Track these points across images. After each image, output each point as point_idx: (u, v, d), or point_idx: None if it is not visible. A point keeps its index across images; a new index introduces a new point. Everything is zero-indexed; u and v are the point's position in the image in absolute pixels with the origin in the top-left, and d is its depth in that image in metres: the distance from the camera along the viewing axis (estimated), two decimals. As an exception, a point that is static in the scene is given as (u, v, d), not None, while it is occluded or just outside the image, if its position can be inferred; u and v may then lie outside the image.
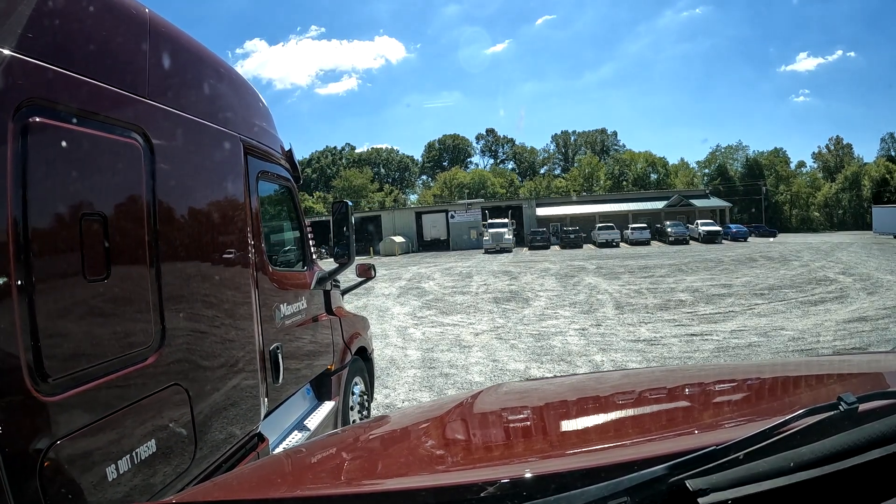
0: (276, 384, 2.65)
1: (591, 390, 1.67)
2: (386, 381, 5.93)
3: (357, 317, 4.25)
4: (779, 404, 1.25)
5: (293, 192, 3.15)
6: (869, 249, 22.66)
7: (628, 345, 7.26)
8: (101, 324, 1.54)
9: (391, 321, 10.03)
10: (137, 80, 1.74)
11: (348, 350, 3.71)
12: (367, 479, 1.06)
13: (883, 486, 0.73)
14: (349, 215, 3.17)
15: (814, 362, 2.43)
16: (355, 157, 77.37)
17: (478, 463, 1.10)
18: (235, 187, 2.35)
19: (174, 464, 1.78)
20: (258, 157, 2.65)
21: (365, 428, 1.78)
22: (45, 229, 1.37)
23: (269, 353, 2.57)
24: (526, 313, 10.26)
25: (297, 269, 3.12)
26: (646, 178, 67.46)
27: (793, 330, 7.86)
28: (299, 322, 2.98)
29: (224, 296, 2.20)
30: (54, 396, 1.34)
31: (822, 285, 12.36)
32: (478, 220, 39.95)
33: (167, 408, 1.77)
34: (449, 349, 7.44)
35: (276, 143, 2.95)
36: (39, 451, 1.29)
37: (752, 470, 0.71)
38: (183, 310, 1.89)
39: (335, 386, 3.49)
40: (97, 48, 1.60)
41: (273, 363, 2.60)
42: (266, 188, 2.83)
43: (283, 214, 3.16)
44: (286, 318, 2.79)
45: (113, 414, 1.52)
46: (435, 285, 15.91)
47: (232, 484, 1.16)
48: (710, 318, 9.00)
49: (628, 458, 0.79)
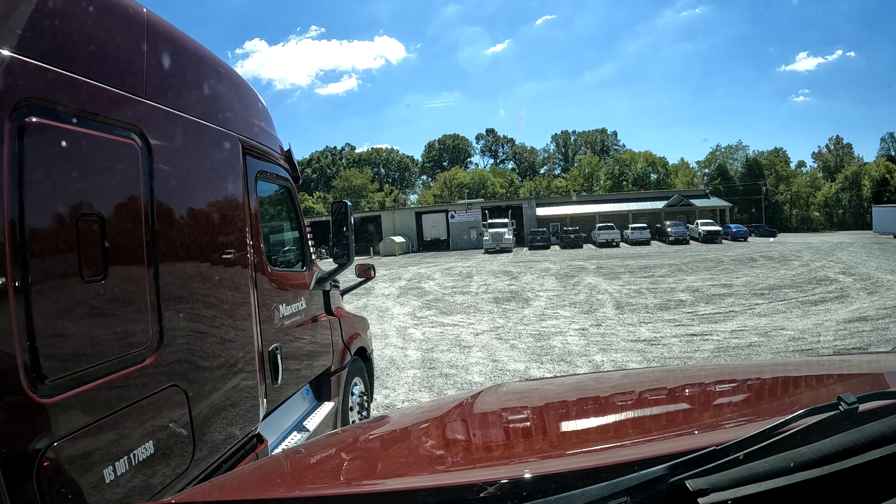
0: (276, 385, 2.64)
1: (591, 390, 1.67)
2: (385, 382, 5.93)
3: (356, 317, 4.24)
4: (779, 404, 1.25)
5: (292, 192, 3.14)
6: (869, 249, 22.63)
7: (628, 345, 7.26)
8: (98, 325, 1.53)
9: (391, 321, 10.03)
10: (136, 80, 1.73)
11: (348, 350, 3.70)
12: (367, 479, 1.06)
13: (883, 486, 0.73)
14: (348, 215, 3.16)
15: (814, 362, 2.43)
16: (355, 157, 77.40)
17: (478, 463, 1.11)
18: (234, 187, 2.34)
19: (173, 465, 1.78)
20: (257, 158, 2.65)
21: (365, 428, 1.78)
22: (41, 230, 1.36)
23: (269, 353, 2.56)
24: (526, 313, 10.25)
25: (296, 270, 3.11)
26: (646, 178, 67.48)
27: (793, 330, 7.85)
28: (298, 322, 2.98)
29: (223, 296, 2.19)
30: (52, 398, 1.33)
31: (823, 285, 12.34)
32: (478, 220, 39.97)
33: (165, 409, 1.77)
34: (449, 349, 7.43)
35: (275, 143, 2.94)
36: (37, 453, 1.28)
37: (752, 470, 0.71)
38: (181, 310, 1.88)
39: (334, 386, 3.48)
40: (95, 48, 1.60)
41: (272, 364, 2.59)
42: (265, 188, 2.82)
43: (283, 214, 3.15)
44: (285, 318, 2.78)
45: (111, 415, 1.52)
46: (435, 285, 15.91)
47: (231, 484, 1.16)
48: (711, 317, 8.99)
49: (628, 458, 0.79)
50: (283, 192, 3.07)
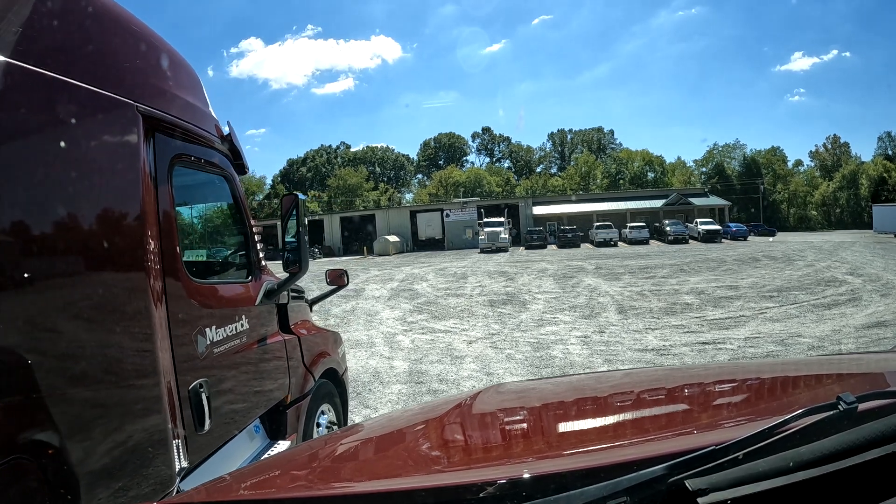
0: (202, 431, 2.03)
1: (590, 390, 1.66)
2: (367, 400, 5.30)
3: (326, 332, 3.61)
4: (778, 404, 1.24)
5: (233, 184, 2.50)
6: (872, 249, 22.28)
7: (636, 355, 6.65)
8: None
9: (379, 327, 9.39)
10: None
11: (310, 374, 3.08)
12: (366, 479, 1.05)
13: (882, 485, 0.73)
14: (301, 212, 2.49)
15: (813, 362, 2.39)
16: (350, 155, 76.65)
17: (477, 463, 1.09)
18: (127, 173, 1.72)
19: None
20: (174, 137, 2.03)
21: (365, 428, 1.71)
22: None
23: (190, 392, 1.95)
24: (523, 318, 9.64)
25: (235, 281, 2.49)
26: (643, 177, 67.14)
27: (810, 337, 7.30)
28: (239, 347, 2.35)
29: (103, 322, 1.57)
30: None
31: (832, 287, 11.83)
32: (473, 219, 39.40)
33: (6, 494, 1.21)
34: (439, 360, 6.80)
35: (207, 122, 2.31)
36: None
37: (751, 470, 0.71)
38: (31, 347, 1.29)
39: (292, 420, 2.86)
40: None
41: (195, 405, 1.98)
42: (188, 178, 2.20)
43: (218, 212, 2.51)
44: (216, 344, 2.16)
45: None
46: (428, 287, 15.28)
47: (231, 484, 1.13)
48: (721, 323, 8.40)
49: (628, 458, 0.78)
50: (219, 183, 2.43)
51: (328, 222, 48.16)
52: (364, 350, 7.59)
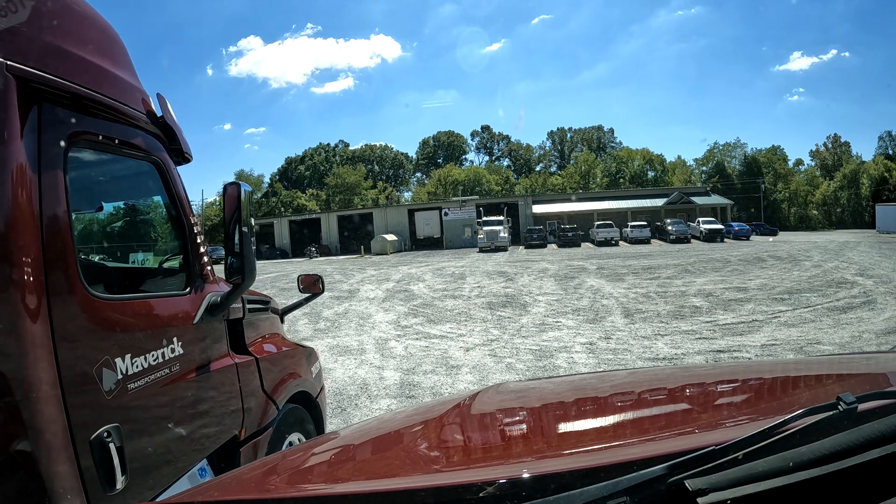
0: (113, 490, 1.54)
1: (590, 390, 1.64)
2: (352, 417, 4.80)
3: (296, 349, 3.10)
4: (778, 404, 1.23)
5: (167, 172, 1.99)
6: (878, 249, 21.87)
7: (647, 364, 6.16)
8: None
9: (371, 331, 8.89)
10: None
11: (272, 403, 2.58)
12: (366, 479, 1.04)
13: (882, 485, 0.72)
14: (242, 207, 1.91)
15: (813, 362, 2.38)
16: (349, 154, 76.01)
17: (477, 463, 1.08)
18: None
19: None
20: (70, 108, 1.53)
21: (364, 428, 1.66)
22: None
23: (92, 444, 1.47)
24: (524, 322, 9.14)
25: (165, 293, 1.98)
26: (643, 176, 66.68)
27: (830, 344, 6.83)
28: (168, 379, 1.85)
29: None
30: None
31: (844, 289, 11.38)
32: (472, 217, 38.92)
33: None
34: (433, 370, 6.30)
35: (129, 95, 1.80)
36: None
37: (751, 470, 0.71)
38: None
39: (249, 458, 2.37)
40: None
41: (100, 460, 1.49)
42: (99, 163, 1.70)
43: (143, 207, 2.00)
44: (131, 378, 1.66)
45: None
46: (425, 287, 14.78)
47: (230, 484, 1.11)
48: (733, 328, 7.92)
49: (628, 457, 0.78)
50: (147, 172, 1.93)
51: (325, 221, 47.66)
52: (353, 358, 7.10)
